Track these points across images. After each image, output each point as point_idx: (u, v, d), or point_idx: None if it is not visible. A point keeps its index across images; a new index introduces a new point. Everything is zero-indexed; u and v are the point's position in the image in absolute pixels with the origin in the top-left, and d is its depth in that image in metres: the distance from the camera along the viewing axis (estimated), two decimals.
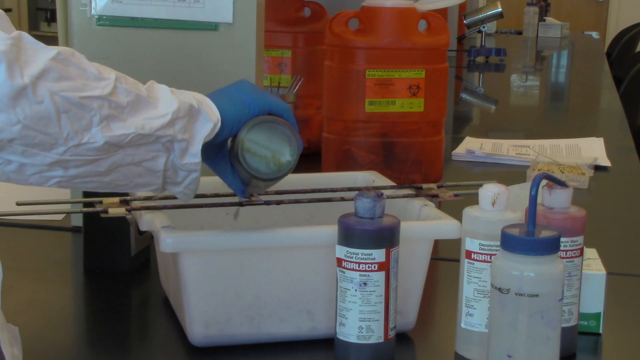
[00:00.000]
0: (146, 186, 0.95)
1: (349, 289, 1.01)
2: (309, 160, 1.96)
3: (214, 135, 0.96)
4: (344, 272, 1.01)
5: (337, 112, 1.75)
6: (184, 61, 1.45)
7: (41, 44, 0.84)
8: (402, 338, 1.11)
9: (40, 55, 0.83)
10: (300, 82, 1.96)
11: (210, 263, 1.04)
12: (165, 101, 0.92)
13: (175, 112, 0.92)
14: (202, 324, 1.06)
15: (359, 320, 1.01)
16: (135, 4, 1.43)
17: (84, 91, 0.84)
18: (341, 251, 1.01)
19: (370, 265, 1.00)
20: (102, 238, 1.29)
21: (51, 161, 0.85)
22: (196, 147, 0.94)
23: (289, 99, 1.92)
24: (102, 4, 1.43)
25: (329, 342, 1.06)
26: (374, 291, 1.01)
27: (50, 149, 0.84)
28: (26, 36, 0.84)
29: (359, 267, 1.00)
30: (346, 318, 1.02)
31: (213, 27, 1.43)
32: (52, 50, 0.84)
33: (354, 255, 1.00)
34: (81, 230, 1.32)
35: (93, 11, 1.44)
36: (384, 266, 1.01)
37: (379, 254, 1.00)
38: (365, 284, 1.00)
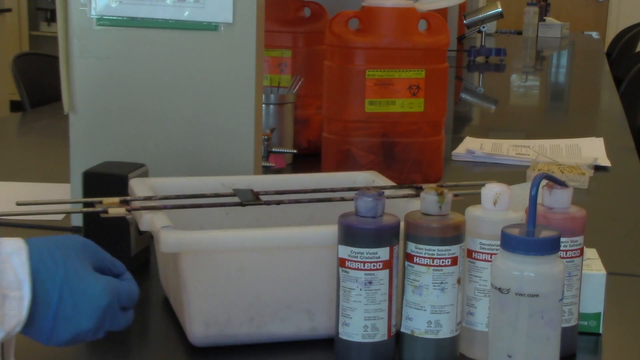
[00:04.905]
0: None
1: (354, 289, 1.01)
2: (309, 160, 1.96)
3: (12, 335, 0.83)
4: (348, 272, 1.01)
5: (337, 112, 1.75)
6: (184, 61, 1.45)
7: None
8: None
9: None
10: (300, 82, 1.96)
11: (210, 263, 1.04)
12: None
13: None
14: (202, 324, 1.06)
15: (364, 319, 1.01)
16: (135, 4, 1.43)
17: None
18: (344, 251, 1.01)
19: (375, 264, 1.00)
20: (102, 238, 1.29)
21: None
22: None
23: (289, 99, 1.92)
24: (102, 4, 1.43)
25: (329, 342, 1.06)
26: (379, 289, 1.01)
27: None
28: None
29: (364, 266, 1.00)
30: (350, 318, 1.02)
31: (213, 27, 1.43)
32: None
33: (359, 255, 1.00)
34: (81, 230, 1.32)
35: (93, 11, 1.44)
36: (388, 264, 1.01)
37: (383, 252, 1.00)
38: (370, 282, 1.01)
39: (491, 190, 1.04)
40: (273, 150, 1.83)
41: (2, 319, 0.79)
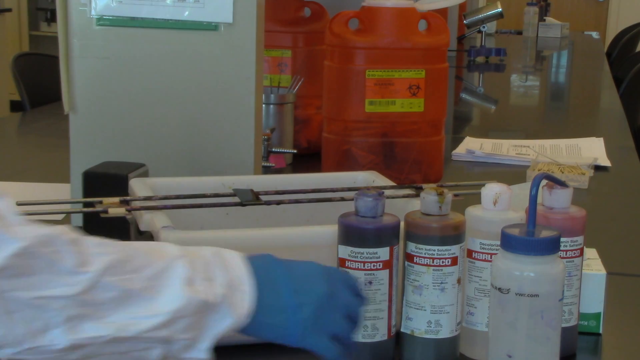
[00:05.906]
0: None
1: None
2: (309, 160, 1.96)
3: (240, 328, 0.84)
4: (348, 272, 1.01)
5: (337, 112, 1.75)
6: (184, 61, 1.44)
7: (9, 233, 0.72)
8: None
9: (1, 250, 0.72)
10: (300, 82, 1.96)
11: None
12: (168, 296, 0.79)
13: (178, 311, 0.79)
14: None
15: (364, 319, 1.01)
16: (135, 4, 1.43)
17: (42, 290, 0.74)
18: (344, 251, 1.01)
19: (375, 264, 1.00)
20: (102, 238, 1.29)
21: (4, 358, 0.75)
22: (206, 343, 0.82)
23: (289, 99, 1.92)
24: (102, 4, 1.43)
25: None
26: (379, 289, 1.01)
27: (1, 348, 0.74)
28: None
29: (364, 266, 1.00)
30: None
31: (213, 27, 1.43)
32: (17, 243, 0.72)
33: (359, 255, 1.00)
34: (81, 230, 1.31)
35: (93, 11, 1.44)
36: (388, 264, 1.01)
37: (383, 252, 1.00)
38: (370, 282, 1.00)
39: (491, 190, 1.04)
40: (273, 150, 1.83)
41: (234, 307, 0.82)
